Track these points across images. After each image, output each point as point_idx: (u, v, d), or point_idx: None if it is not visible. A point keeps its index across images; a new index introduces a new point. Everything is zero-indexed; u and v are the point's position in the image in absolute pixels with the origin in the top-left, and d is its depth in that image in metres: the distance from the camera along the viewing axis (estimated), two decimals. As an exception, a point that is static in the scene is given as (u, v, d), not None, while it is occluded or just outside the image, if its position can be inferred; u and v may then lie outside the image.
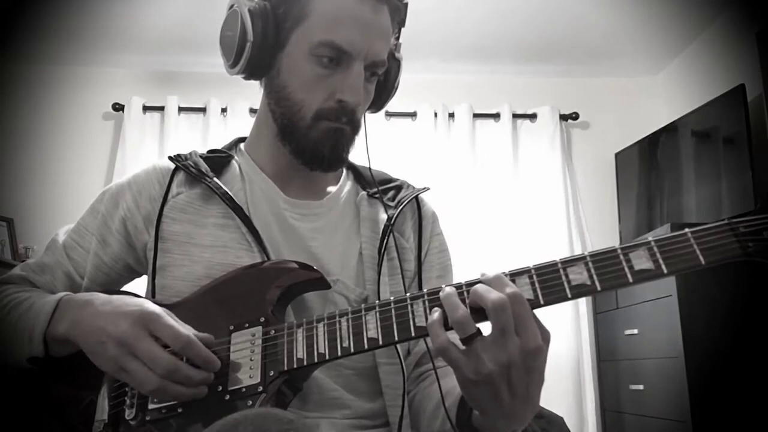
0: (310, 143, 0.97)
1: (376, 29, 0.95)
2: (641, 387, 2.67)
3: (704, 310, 2.38)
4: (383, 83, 1.06)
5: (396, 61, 1.07)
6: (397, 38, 1.06)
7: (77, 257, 1.00)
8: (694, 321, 2.37)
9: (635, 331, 2.73)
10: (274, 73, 0.99)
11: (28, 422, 0.88)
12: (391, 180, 1.12)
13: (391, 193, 1.08)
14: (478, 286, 0.72)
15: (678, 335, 2.37)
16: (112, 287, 1.03)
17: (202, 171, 0.99)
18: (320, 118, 0.95)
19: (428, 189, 1.11)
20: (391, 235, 1.02)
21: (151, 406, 0.82)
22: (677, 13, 3.01)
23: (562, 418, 1.40)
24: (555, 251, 3.23)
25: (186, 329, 0.80)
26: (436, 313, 0.73)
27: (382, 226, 1.02)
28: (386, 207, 1.05)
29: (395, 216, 1.02)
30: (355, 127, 0.99)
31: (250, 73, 1.00)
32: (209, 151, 1.07)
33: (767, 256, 0.68)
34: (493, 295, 0.70)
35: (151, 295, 0.96)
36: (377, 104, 1.09)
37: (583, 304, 3.20)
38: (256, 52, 0.96)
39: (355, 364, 0.95)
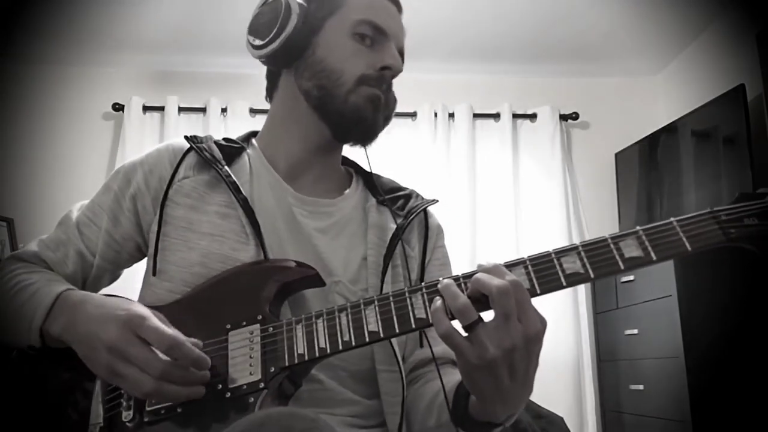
0: (350, 108, 0.99)
1: (400, 24, 1.06)
2: (641, 387, 2.66)
3: (704, 310, 2.37)
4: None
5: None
6: None
7: (90, 234, 1.00)
8: (694, 321, 2.37)
9: (635, 332, 2.72)
10: (309, 53, 1.02)
11: (22, 406, 0.89)
12: (400, 188, 1.13)
13: (400, 202, 1.09)
14: (479, 274, 0.74)
15: (678, 335, 2.37)
16: (122, 266, 1.05)
17: (215, 156, 1.00)
18: (362, 83, 0.99)
19: (437, 201, 1.12)
20: (399, 244, 1.02)
21: (149, 408, 0.81)
22: (677, 13, 3.00)
23: (561, 418, 1.40)
24: (555, 251, 3.22)
25: (173, 330, 0.79)
26: (438, 301, 0.74)
27: (389, 234, 1.02)
28: (395, 215, 1.05)
29: (405, 226, 1.03)
30: (387, 103, 1.03)
31: (282, 53, 1.02)
32: (224, 139, 1.08)
33: (749, 241, 0.71)
34: (496, 281, 0.72)
35: (152, 275, 0.96)
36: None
37: (583, 304, 3.20)
38: (297, 31, 1.00)
39: (352, 367, 0.95)
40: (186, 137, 1.03)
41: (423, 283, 0.79)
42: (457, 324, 0.73)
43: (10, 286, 0.93)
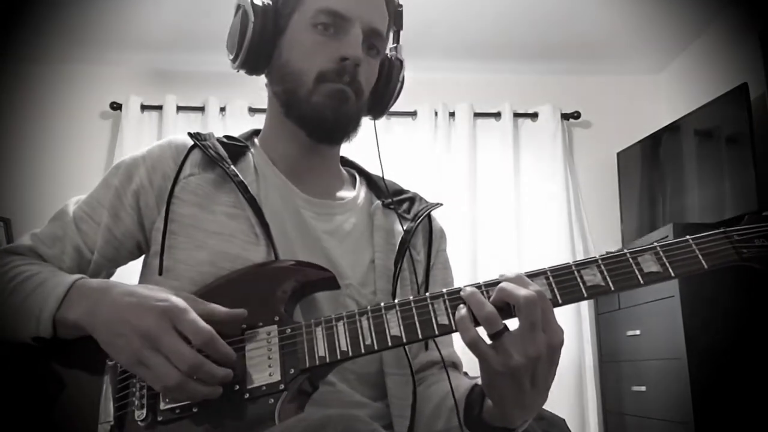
0: (311, 108, 0.98)
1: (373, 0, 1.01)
2: (643, 388, 2.65)
3: (706, 311, 2.36)
4: (384, 85, 1.07)
5: (398, 61, 1.09)
6: (396, 40, 1.10)
7: (88, 230, 0.98)
8: (696, 322, 2.35)
9: (637, 332, 2.71)
10: (277, 56, 1.01)
11: (22, 402, 0.86)
12: (403, 191, 1.12)
13: (405, 205, 1.09)
14: (504, 284, 0.76)
15: (680, 336, 2.35)
16: (119, 264, 1.03)
17: (220, 155, 0.98)
18: (322, 81, 0.97)
19: (442, 204, 1.12)
20: (407, 248, 1.02)
21: (163, 407, 0.79)
22: (680, 11, 2.99)
23: (563, 420, 1.39)
24: (557, 251, 3.21)
25: (207, 325, 0.78)
26: (464, 309, 0.76)
27: (398, 238, 1.02)
28: (401, 218, 1.05)
29: (414, 229, 1.03)
30: (358, 93, 0.99)
31: (252, 65, 1.03)
32: (226, 137, 1.06)
33: (758, 261, 0.77)
34: (522, 291, 0.73)
35: (159, 274, 0.94)
36: (379, 108, 1.10)
37: (585, 305, 3.18)
38: (257, 37, 1.00)
39: (360, 369, 0.95)
40: (189, 134, 1.02)
41: (444, 290, 0.80)
42: (480, 331, 0.75)
43: (8, 278, 0.90)
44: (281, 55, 1.01)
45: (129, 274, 1.03)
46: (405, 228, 1.03)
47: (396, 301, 0.81)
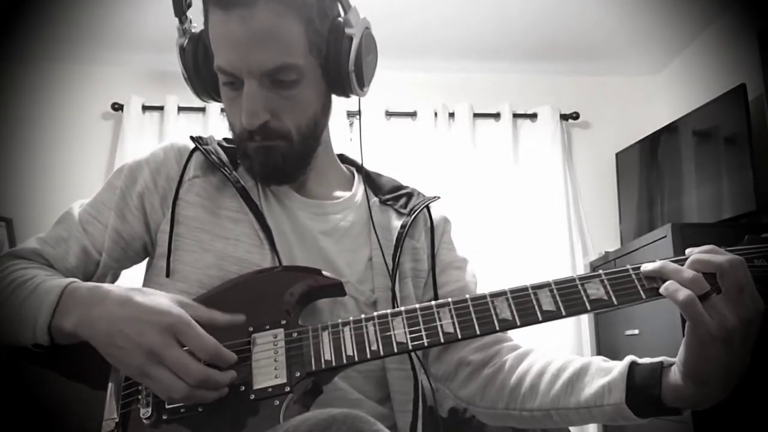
0: (247, 162, 0.98)
1: (251, 40, 0.89)
2: (642, 387, 2.65)
3: (705, 310, 2.36)
4: (325, 65, 0.96)
5: (337, 36, 0.95)
6: (343, 9, 0.98)
7: (94, 232, 0.98)
8: (695, 321, 2.35)
9: (636, 332, 2.71)
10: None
11: (27, 410, 0.86)
12: (401, 187, 1.13)
13: (402, 201, 1.09)
14: (697, 255, 0.76)
15: (679, 336, 2.33)
16: (125, 266, 1.03)
17: (222, 160, 0.99)
18: (243, 141, 0.96)
19: (439, 198, 1.12)
20: (405, 241, 1.02)
21: (168, 406, 0.80)
22: (678, 12, 3.00)
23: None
24: (555, 252, 3.22)
25: (211, 338, 0.78)
26: (665, 283, 0.77)
27: (395, 234, 1.03)
28: (398, 214, 1.06)
29: (409, 224, 1.03)
30: (284, 137, 0.94)
31: (213, 99, 1.05)
32: (226, 140, 1.06)
33: (758, 281, 0.76)
34: (724, 257, 0.74)
35: (165, 275, 0.94)
36: (338, 86, 0.99)
37: (584, 304, 3.18)
38: (194, 83, 1.03)
39: (362, 366, 0.94)
40: (192, 138, 1.02)
41: (450, 299, 0.81)
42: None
43: (6, 284, 0.89)
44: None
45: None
46: (401, 223, 1.03)
47: (402, 308, 0.82)
